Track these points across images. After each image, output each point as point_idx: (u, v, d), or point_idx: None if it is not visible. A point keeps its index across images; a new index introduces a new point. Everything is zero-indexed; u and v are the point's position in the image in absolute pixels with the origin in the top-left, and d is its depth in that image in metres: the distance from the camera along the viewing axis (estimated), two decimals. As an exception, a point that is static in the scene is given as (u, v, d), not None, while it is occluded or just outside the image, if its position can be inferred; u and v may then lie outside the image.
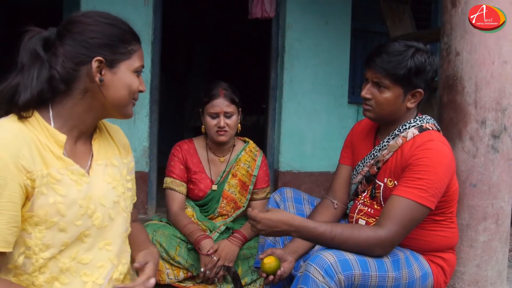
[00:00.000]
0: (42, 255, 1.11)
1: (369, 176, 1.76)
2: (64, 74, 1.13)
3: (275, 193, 2.01)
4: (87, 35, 1.15)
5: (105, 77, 1.16)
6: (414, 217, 1.55)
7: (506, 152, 1.87)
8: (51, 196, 1.10)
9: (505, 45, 1.83)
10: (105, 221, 1.21)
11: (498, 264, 1.91)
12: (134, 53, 1.20)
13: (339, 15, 4.12)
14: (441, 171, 1.55)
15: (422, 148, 1.58)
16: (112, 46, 1.16)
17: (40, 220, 1.10)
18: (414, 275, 1.58)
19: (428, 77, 1.63)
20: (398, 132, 1.68)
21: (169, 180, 2.30)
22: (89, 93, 1.17)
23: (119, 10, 3.39)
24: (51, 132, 1.15)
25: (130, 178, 1.34)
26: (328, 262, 1.41)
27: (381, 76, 1.62)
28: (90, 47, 1.14)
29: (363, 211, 1.76)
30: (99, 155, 1.25)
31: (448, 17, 1.93)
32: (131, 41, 1.20)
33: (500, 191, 1.87)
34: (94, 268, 1.19)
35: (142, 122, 3.51)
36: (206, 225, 2.26)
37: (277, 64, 4.05)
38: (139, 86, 1.22)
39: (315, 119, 4.07)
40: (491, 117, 1.84)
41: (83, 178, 1.17)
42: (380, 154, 1.71)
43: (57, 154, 1.14)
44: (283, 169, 4.01)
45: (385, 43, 1.67)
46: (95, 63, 1.14)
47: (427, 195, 1.54)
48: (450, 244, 1.72)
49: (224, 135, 2.23)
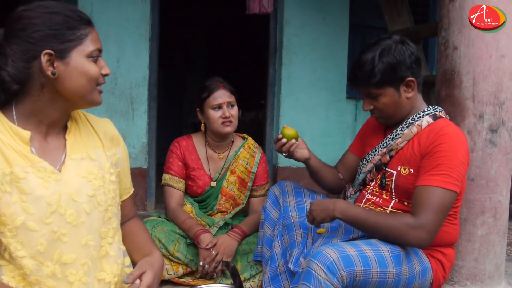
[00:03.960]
0: (18, 253, 1.10)
1: (380, 165, 1.77)
2: (16, 74, 1.10)
3: (274, 186, 2.01)
4: (30, 29, 1.10)
5: (58, 69, 1.12)
6: (444, 203, 1.55)
7: (504, 146, 1.88)
8: (14, 195, 1.09)
9: (502, 39, 1.83)
10: (81, 217, 1.18)
11: (496, 257, 1.92)
12: (85, 37, 1.14)
13: (337, 10, 4.12)
14: (460, 155, 1.57)
15: (441, 134, 1.60)
16: (58, 35, 1.11)
17: (6, 219, 1.09)
18: (414, 270, 1.58)
19: (407, 64, 1.65)
20: (412, 121, 1.71)
21: (167, 176, 2.30)
22: (46, 88, 1.13)
23: (116, 6, 3.39)
24: (14, 131, 1.13)
25: (114, 171, 1.30)
26: (330, 259, 1.40)
27: (366, 89, 1.69)
28: (35, 41, 1.10)
29: (371, 200, 1.77)
30: (73, 149, 1.22)
31: (445, 12, 1.92)
32: (79, 26, 1.14)
33: (498, 185, 1.88)
34: (79, 266, 1.17)
35: (140, 118, 3.50)
36: (205, 221, 2.26)
37: (275, 60, 4.05)
38: (98, 70, 1.17)
39: (313, 114, 4.07)
40: (489, 111, 1.85)
41: (52, 176, 1.15)
42: (394, 142, 1.73)
43: (22, 152, 1.12)
44: (282, 164, 4.01)
45: (356, 58, 1.71)
46: (44, 57, 1.10)
47: (451, 179, 1.55)
48: (451, 240, 1.72)
49: (230, 126, 2.24)
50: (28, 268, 1.11)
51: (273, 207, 1.95)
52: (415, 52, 1.67)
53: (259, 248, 2.00)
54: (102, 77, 1.19)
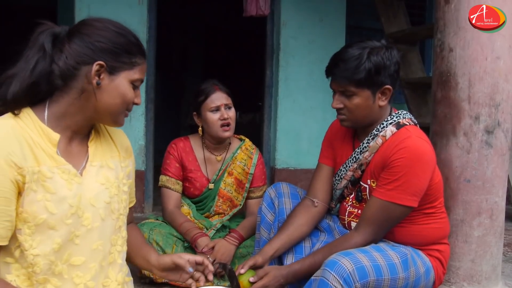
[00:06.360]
0: (32, 251, 1.12)
1: (354, 180, 1.75)
2: (64, 70, 1.16)
3: (270, 188, 2.00)
4: (95, 38, 1.18)
5: (103, 81, 1.18)
6: (394, 217, 1.61)
7: (500, 147, 1.88)
8: (40, 193, 1.12)
9: (497, 40, 1.84)
10: (96, 222, 1.21)
11: (492, 258, 1.93)
12: (136, 65, 1.23)
13: (333, 12, 4.12)
14: (419, 169, 1.56)
15: (399, 148, 1.57)
16: (116, 53, 1.19)
17: (28, 216, 1.11)
18: (419, 272, 1.60)
19: (391, 71, 1.61)
20: (376, 132, 1.67)
21: (164, 178, 2.30)
22: (84, 94, 1.18)
23: (113, 9, 3.40)
24: (45, 131, 1.17)
25: (127, 182, 1.35)
26: (347, 271, 1.41)
27: (344, 85, 1.62)
28: (94, 49, 1.17)
29: (353, 213, 1.77)
30: (95, 156, 1.27)
31: (441, 14, 1.93)
32: (137, 54, 1.23)
33: (494, 186, 1.89)
34: (86, 270, 1.20)
35: (138, 120, 3.50)
36: (202, 223, 2.26)
37: (273, 62, 4.05)
38: (134, 98, 1.24)
39: (310, 116, 4.07)
40: (485, 112, 1.86)
41: (74, 178, 1.18)
42: (362, 156, 1.69)
43: (49, 153, 1.16)
44: (279, 166, 4.01)
45: (340, 50, 1.66)
46: (96, 66, 1.16)
47: (405, 195, 1.56)
48: (443, 234, 1.74)
49: (228, 131, 2.25)
50: (39, 266, 1.13)
51: (269, 210, 1.94)
52: (399, 62, 1.64)
53: (256, 251, 2.00)
54: (132, 104, 1.26)
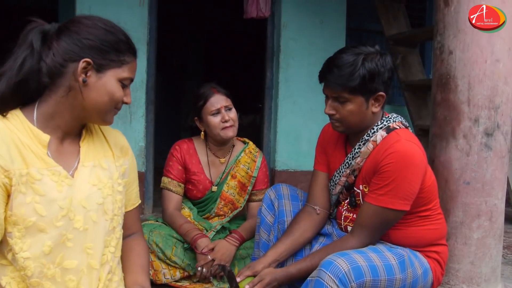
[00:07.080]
0: (22, 254, 1.11)
1: (348, 185, 1.76)
2: (51, 67, 1.15)
3: (270, 189, 2.00)
4: (83, 35, 1.17)
5: (90, 79, 1.17)
6: (388, 221, 1.62)
7: (499, 149, 1.89)
8: (29, 195, 1.11)
9: (497, 43, 1.84)
10: (87, 224, 1.20)
11: (492, 261, 1.93)
12: (125, 64, 1.22)
13: (334, 14, 4.13)
14: (409, 173, 1.56)
15: (388, 152, 1.58)
16: (104, 51, 1.18)
17: (17, 219, 1.10)
18: (417, 273, 1.60)
19: (385, 78, 1.61)
20: (367, 137, 1.67)
21: (166, 180, 2.30)
22: (72, 92, 1.17)
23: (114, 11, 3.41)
24: (34, 133, 1.16)
25: (122, 181, 1.33)
26: (342, 271, 1.41)
27: (338, 91, 1.60)
28: (82, 46, 1.16)
29: (349, 217, 1.77)
30: (87, 156, 1.25)
31: (441, 16, 1.94)
32: (126, 52, 1.22)
33: (493, 188, 1.89)
34: (79, 273, 1.18)
35: (138, 122, 3.51)
36: (202, 225, 2.26)
37: (273, 64, 4.06)
38: (123, 96, 1.23)
39: (310, 118, 4.08)
40: (484, 115, 1.86)
41: (65, 180, 1.17)
42: (354, 162, 1.70)
43: (39, 154, 1.15)
44: (279, 168, 4.02)
45: (333, 56, 1.64)
46: (83, 63, 1.15)
47: (397, 199, 1.57)
48: (441, 235, 1.74)
49: (231, 130, 2.24)
50: (30, 269, 1.12)
51: (268, 211, 1.95)
52: (392, 69, 1.64)
53: (255, 252, 2.00)
54: (121, 103, 1.25)
